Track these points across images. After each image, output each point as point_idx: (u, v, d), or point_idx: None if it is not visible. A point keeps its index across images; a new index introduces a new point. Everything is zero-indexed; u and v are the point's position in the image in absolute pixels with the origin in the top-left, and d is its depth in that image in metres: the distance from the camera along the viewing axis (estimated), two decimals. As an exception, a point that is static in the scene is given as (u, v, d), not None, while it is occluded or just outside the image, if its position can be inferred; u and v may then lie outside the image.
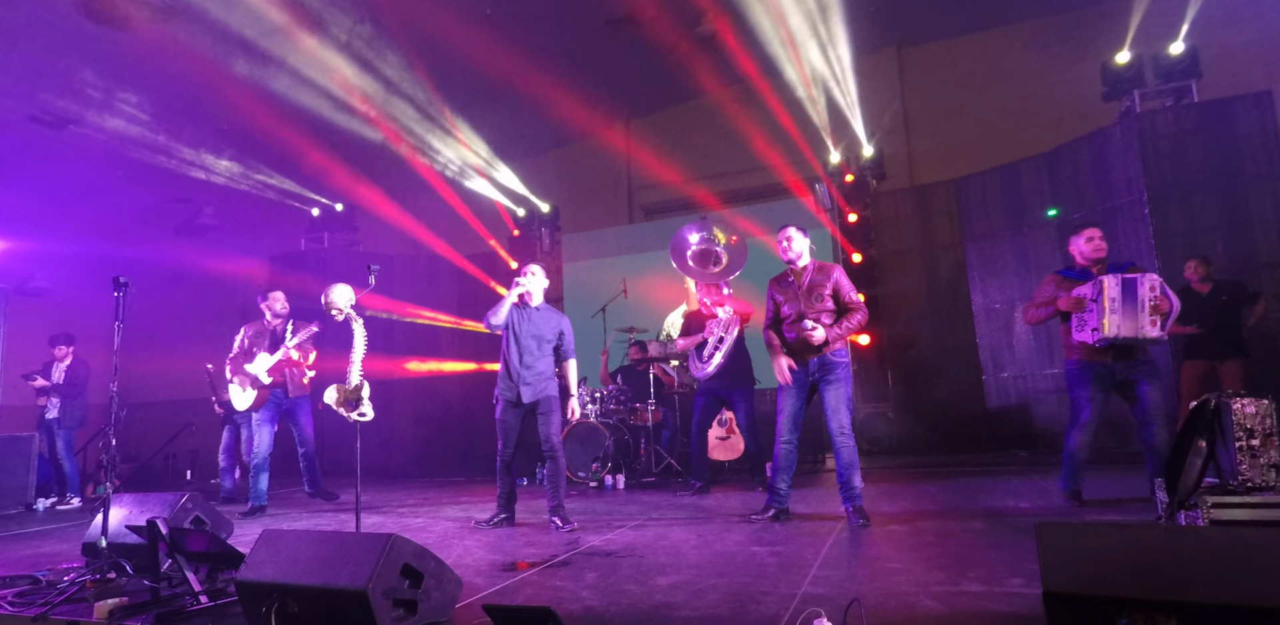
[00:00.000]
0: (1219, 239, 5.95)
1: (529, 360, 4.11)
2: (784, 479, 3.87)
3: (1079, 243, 3.97)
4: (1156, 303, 3.61)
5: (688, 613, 2.26)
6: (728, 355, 5.04)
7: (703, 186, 9.56)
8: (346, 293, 3.72)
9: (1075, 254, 4.02)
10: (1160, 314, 3.62)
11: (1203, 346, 5.18)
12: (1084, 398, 3.87)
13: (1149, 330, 3.60)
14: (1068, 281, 3.96)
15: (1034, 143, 7.46)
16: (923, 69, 8.80)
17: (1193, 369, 5.27)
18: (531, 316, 4.19)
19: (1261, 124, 5.98)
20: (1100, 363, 3.83)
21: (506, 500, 4.15)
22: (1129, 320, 3.63)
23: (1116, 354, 3.79)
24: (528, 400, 4.07)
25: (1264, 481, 2.78)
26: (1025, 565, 2.56)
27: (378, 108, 8.60)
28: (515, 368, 4.09)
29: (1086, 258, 3.95)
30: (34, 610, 2.60)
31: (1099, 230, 3.97)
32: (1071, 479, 3.89)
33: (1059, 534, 1.79)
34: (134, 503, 3.40)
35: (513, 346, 4.13)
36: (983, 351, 7.66)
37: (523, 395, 4.07)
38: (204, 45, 7.06)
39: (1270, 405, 2.83)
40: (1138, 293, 3.63)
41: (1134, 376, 3.80)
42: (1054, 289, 3.99)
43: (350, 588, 2.10)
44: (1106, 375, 3.83)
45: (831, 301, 3.80)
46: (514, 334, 4.14)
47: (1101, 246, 3.92)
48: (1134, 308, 3.63)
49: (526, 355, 4.11)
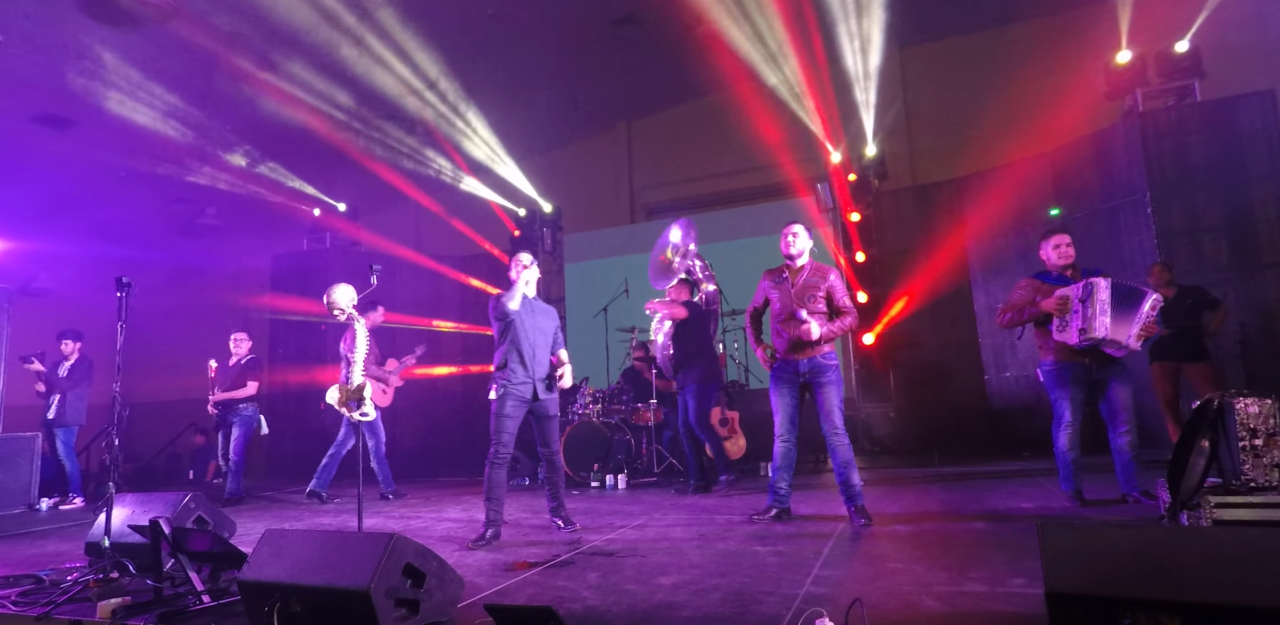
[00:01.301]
0: (1221, 238, 5.93)
1: (540, 355, 3.88)
2: (784, 478, 3.87)
3: (1047, 249, 4.01)
4: (1149, 322, 3.68)
5: (690, 612, 2.26)
6: (664, 358, 5.26)
7: (704, 186, 9.56)
8: (348, 293, 3.73)
9: (1044, 259, 4.06)
10: (1148, 334, 3.71)
11: (1167, 349, 5.30)
12: (1064, 398, 3.90)
13: (1133, 343, 3.68)
14: (1046, 285, 3.97)
15: (1037, 142, 7.45)
16: (925, 68, 8.79)
17: (1161, 370, 5.41)
18: (535, 307, 3.97)
19: (1264, 123, 5.97)
20: (1078, 363, 3.86)
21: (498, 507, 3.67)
22: (1121, 326, 3.67)
23: (1093, 355, 3.82)
24: (543, 397, 3.83)
25: (1267, 481, 2.77)
26: (1028, 565, 2.56)
27: (378, 107, 8.62)
28: (530, 360, 3.80)
29: (1054, 265, 3.99)
30: (37, 610, 2.61)
31: (1067, 237, 4.01)
32: (1071, 479, 3.89)
33: (1062, 534, 1.79)
34: (137, 502, 3.40)
35: (524, 337, 3.83)
36: (985, 351, 7.64)
37: (539, 391, 3.81)
38: (205, 46, 7.07)
39: (1274, 405, 2.82)
40: (1140, 307, 3.68)
41: (1106, 376, 3.85)
42: (1031, 293, 3.99)
43: (353, 587, 2.10)
44: (1083, 375, 3.87)
45: (824, 303, 3.84)
46: (523, 325, 3.86)
47: (1069, 253, 3.96)
48: (1130, 318, 3.68)
49: (539, 349, 3.87)
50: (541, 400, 3.85)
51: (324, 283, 4.01)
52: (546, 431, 3.92)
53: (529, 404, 3.83)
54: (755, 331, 4.07)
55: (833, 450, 3.75)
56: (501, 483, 3.73)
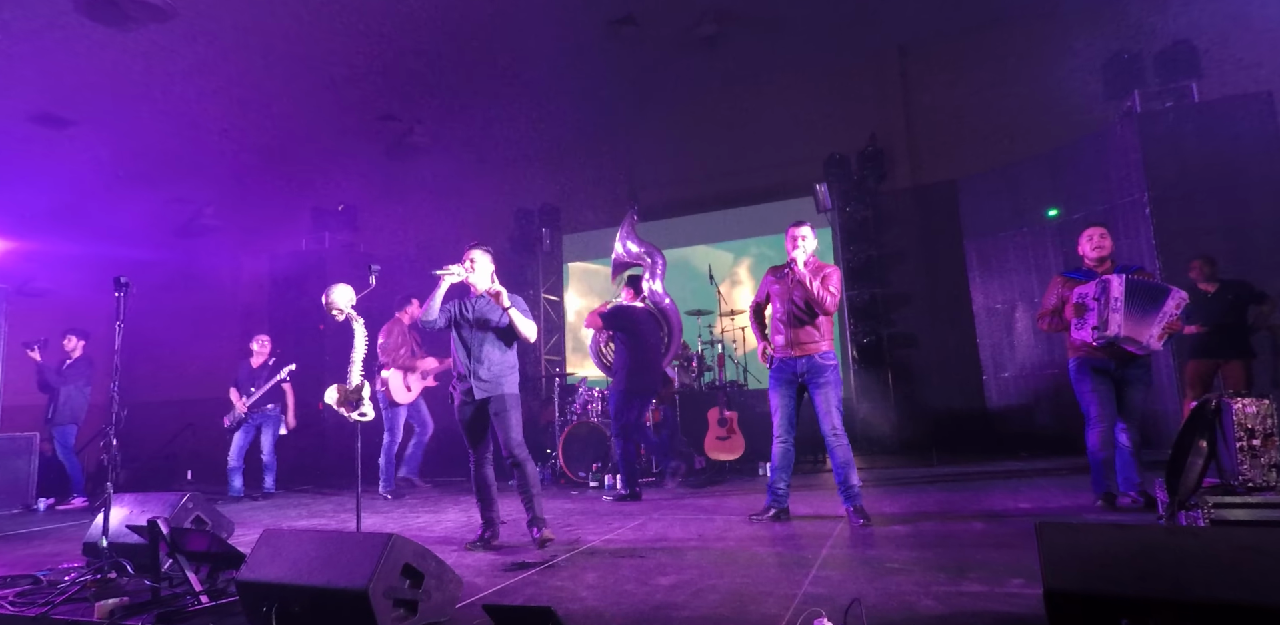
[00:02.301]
0: (1220, 240, 5.93)
1: (478, 352, 3.66)
2: (783, 479, 3.88)
3: (1082, 242, 3.99)
4: (1172, 321, 3.62)
5: (688, 613, 2.26)
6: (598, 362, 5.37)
7: (703, 186, 9.55)
8: (347, 293, 3.72)
9: (1081, 253, 4.03)
10: (1170, 333, 3.64)
11: (1207, 346, 5.14)
12: (1087, 391, 3.86)
13: (1154, 343, 3.63)
14: (1071, 282, 3.96)
15: (1035, 142, 7.45)
16: (925, 68, 8.79)
17: (1196, 368, 5.22)
18: (476, 304, 3.77)
19: (1262, 125, 5.97)
20: (1098, 359, 3.83)
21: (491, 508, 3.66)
22: (1139, 325, 3.62)
23: (1114, 352, 3.79)
24: (479, 397, 3.61)
25: (1265, 482, 2.77)
26: (1026, 565, 2.56)
27: (377, 107, 8.61)
28: (464, 362, 3.67)
29: (1089, 258, 3.96)
30: (35, 610, 2.61)
31: (1101, 229, 3.95)
32: (1103, 481, 3.77)
33: (1060, 534, 1.80)
34: (135, 503, 3.40)
35: (458, 340, 3.72)
36: (983, 351, 7.65)
37: (475, 392, 3.62)
38: (204, 44, 7.06)
39: (1271, 405, 2.83)
40: (1164, 305, 3.61)
41: (1128, 377, 3.82)
42: (1060, 290, 3.99)
43: (351, 588, 2.10)
44: (1104, 370, 3.84)
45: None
46: (458, 325, 3.74)
47: (1103, 245, 3.92)
48: (1151, 317, 3.62)
49: (475, 346, 3.68)
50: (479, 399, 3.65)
51: (322, 282, 4.01)
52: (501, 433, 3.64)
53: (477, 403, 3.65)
54: (759, 326, 4.11)
55: (832, 451, 3.76)
56: (488, 483, 3.67)
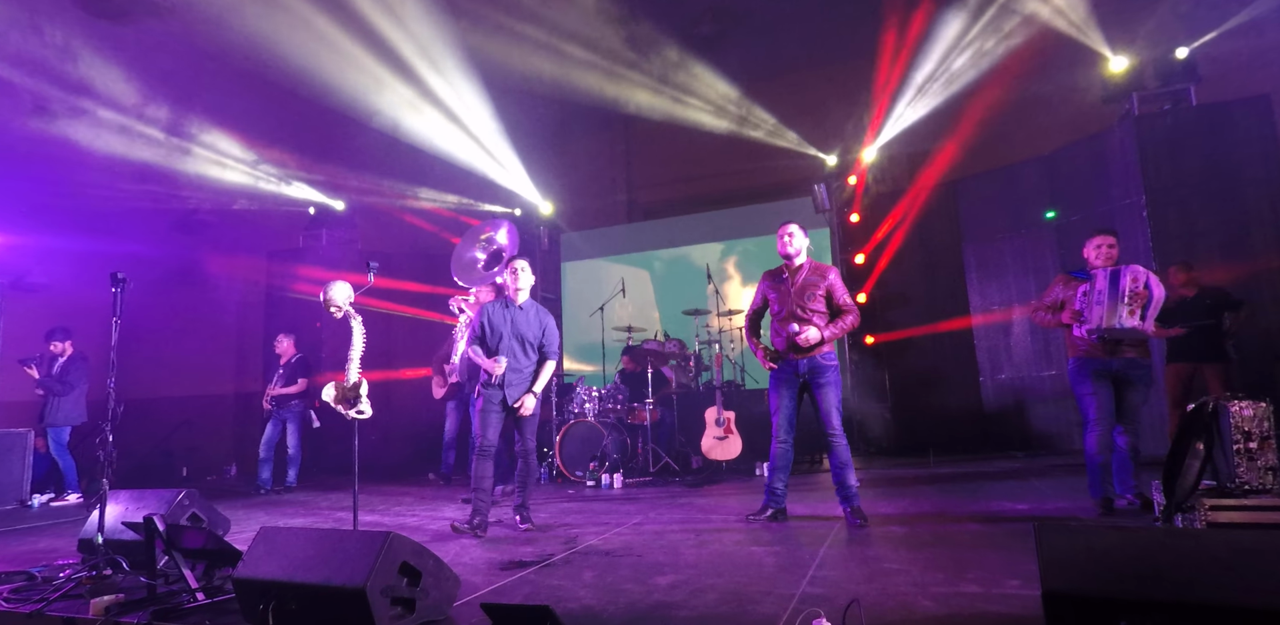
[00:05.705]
0: (1216, 242, 5.95)
1: (514, 364, 3.96)
2: (781, 479, 3.88)
3: (1089, 249, 3.96)
4: (1135, 291, 3.62)
5: (687, 612, 2.26)
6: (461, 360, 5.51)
7: (702, 186, 9.56)
8: (345, 290, 3.71)
9: (1086, 259, 4.02)
10: (1139, 303, 3.60)
11: (1184, 349, 5.21)
12: (1086, 393, 3.84)
13: (1126, 319, 3.60)
14: (1074, 280, 3.96)
15: (1033, 145, 7.47)
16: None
17: (1175, 371, 5.29)
18: (516, 317, 4.04)
19: (1259, 129, 5.99)
20: (1097, 359, 3.82)
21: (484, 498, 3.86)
22: (1111, 311, 3.65)
23: (1112, 350, 3.79)
24: (512, 402, 3.93)
25: (1261, 484, 2.78)
26: (1023, 567, 2.57)
27: (377, 106, 8.58)
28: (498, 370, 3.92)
29: (1093, 265, 3.94)
30: (29, 606, 2.60)
31: (1110, 238, 3.91)
32: (1100, 485, 3.73)
33: (1058, 535, 1.80)
34: (130, 499, 3.39)
35: (498, 350, 3.98)
36: (980, 353, 7.66)
37: (508, 397, 3.93)
38: (201, 41, 7.04)
39: (1268, 408, 2.84)
40: (1120, 283, 3.66)
41: (1129, 377, 3.81)
42: (1062, 289, 3.99)
43: (348, 586, 2.09)
44: (1104, 371, 3.82)
45: (823, 303, 3.84)
46: (499, 336, 3.99)
47: (1110, 254, 3.87)
48: (1115, 298, 3.65)
49: (511, 358, 3.95)
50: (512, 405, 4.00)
51: (320, 280, 4.00)
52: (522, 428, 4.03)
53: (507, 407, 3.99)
54: (753, 334, 4.06)
55: (831, 452, 3.76)
56: (488, 474, 3.91)
